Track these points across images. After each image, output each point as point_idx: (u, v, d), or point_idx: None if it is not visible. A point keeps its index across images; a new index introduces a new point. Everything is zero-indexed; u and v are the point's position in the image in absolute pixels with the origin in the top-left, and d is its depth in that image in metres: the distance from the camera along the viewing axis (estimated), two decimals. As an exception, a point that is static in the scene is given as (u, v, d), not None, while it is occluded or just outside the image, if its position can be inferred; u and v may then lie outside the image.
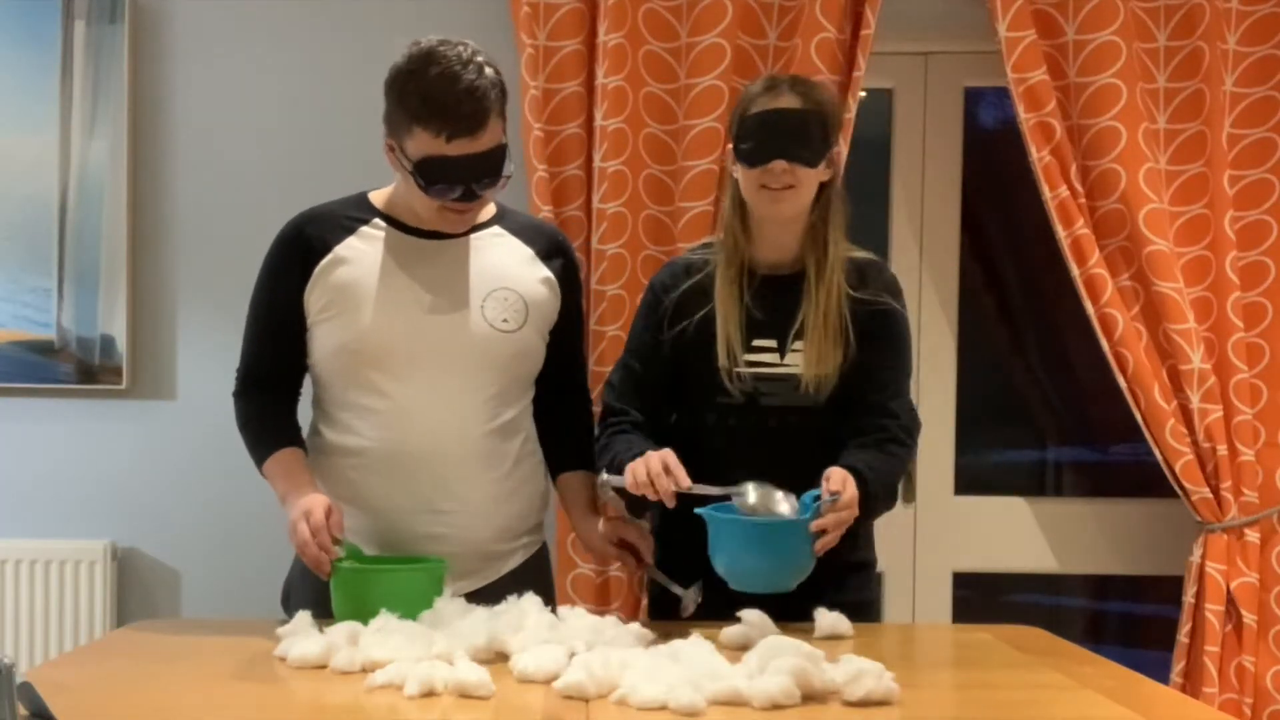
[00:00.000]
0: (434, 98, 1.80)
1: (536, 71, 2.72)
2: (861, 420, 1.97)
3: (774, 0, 2.74)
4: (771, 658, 1.48)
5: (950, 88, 2.97)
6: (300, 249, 1.95)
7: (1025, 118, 2.68)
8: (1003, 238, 3.23)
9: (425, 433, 1.92)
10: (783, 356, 1.98)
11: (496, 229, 2.02)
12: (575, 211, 2.77)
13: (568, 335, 2.09)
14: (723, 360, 1.96)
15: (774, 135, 1.90)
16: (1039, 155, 2.68)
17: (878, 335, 1.99)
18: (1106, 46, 2.67)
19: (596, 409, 2.16)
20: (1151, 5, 2.72)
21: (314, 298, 1.94)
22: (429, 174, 1.84)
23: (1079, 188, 2.71)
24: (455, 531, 1.93)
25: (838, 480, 1.82)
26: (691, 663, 1.51)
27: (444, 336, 1.93)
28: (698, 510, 1.83)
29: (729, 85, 2.70)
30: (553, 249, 2.05)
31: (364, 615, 1.71)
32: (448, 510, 1.93)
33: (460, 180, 1.84)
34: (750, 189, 1.95)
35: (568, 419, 2.12)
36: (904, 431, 1.99)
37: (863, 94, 2.79)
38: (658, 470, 1.83)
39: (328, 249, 1.94)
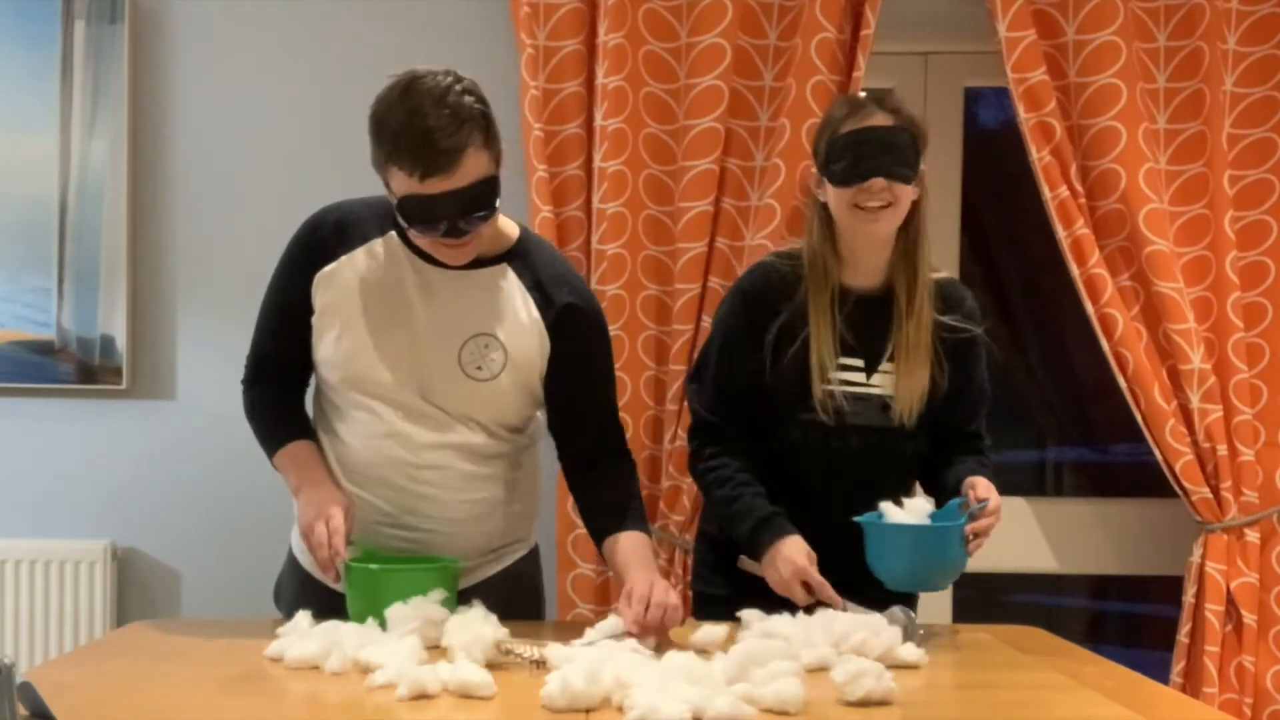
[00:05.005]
0: (405, 137, 1.74)
1: (536, 71, 2.72)
2: (960, 444, 2.04)
3: (774, 0, 2.74)
4: (753, 664, 1.47)
5: (950, 88, 2.97)
6: (312, 248, 1.92)
7: (1025, 118, 2.68)
8: (1003, 238, 3.24)
9: (400, 454, 1.89)
10: (869, 376, 1.98)
11: (503, 267, 1.93)
12: (575, 211, 2.77)
13: (582, 390, 1.97)
14: (816, 384, 1.95)
15: (870, 153, 1.90)
16: (1039, 155, 2.68)
17: (967, 364, 2.03)
18: (1106, 46, 2.67)
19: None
20: (1151, 5, 2.72)
21: (315, 301, 1.93)
22: (409, 213, 1.79)
23: (1079, 188, 2.71)
24: (423, 549, 1.91)
25: (984, 488, 1.88)
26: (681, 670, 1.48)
27: (418, 374, 1.89)
28: (857, 519, 1.86)
29: (729, 85, 2.70)
30: (555, 299, 1.92)
31: (376, 614, 1.72)
32: (417, 528, 1.92)
33: (441, 217, 1.78)
34: (843, 209, 1.94)
35: (606, 490, 1.98)
36: (990, 454, 2.08)
37: (863, 94, 2.79)
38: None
39: (335, 255, 1.91)
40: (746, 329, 2.01)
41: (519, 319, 1.91)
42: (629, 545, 1.89)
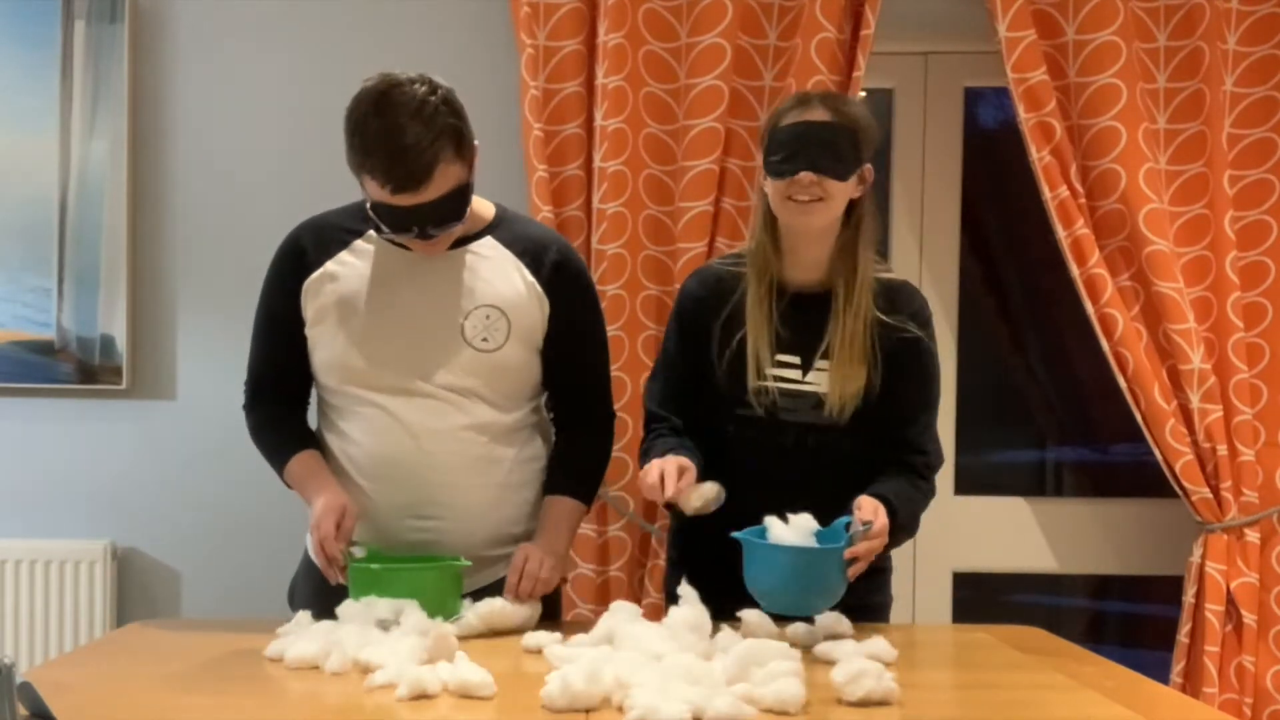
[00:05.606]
0: (378, 151, 1.77)
1: (536, 71, 2.72)
2: (890, 453, 1.99)
3: (774, 0, 2.74)
4: (754, 663, 1.47)
5: (950, 88, 2.97)
6: (295, 262, 1.96)
7: (1025, 118, 2.68)
8: (1003, 238, 3.23)
9: (412, 443, 1.92)
10: (805, 374, 1.98)
11: (489, 240, 1.97)
12: (575, 211, 2.77)
13: (573, 353, 2.02)
14: (752, 378, 1.96)
15: (803, 147, 1.90)
16: (1039, 155, 2.68)
17: (905, 366, 1.99)
18: (1106, 46, 2.67)
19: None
20: (1151, 5, 2.72)
21: (306, 311, 1.95)
22: (382, 218, 1.83)
23: (1079, 188, 2.71)
24: (442, 538, 1.93)
25: (869, 510, 1.83)
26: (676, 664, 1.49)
27: (425, 355, 1.92)
28: (734, 534, 1.82)
29: (729, 85, 2.70)
30: (544, 259, 1.98)
31: None
32: (434, 516, 1.93)
33: (412, 224, 1.82)
34: (778, 201, 1.94)
35: (574, 447, 2.08)
36: (928, 469, 2.02)
37: (862, 94, 2.79)
38: (672, 474, 1.84)
39: (319, 263, 1.95)
40: (684, 333, 2.05)
41: (515, 286, 1.96)
42: (551, 510, 2.01)
